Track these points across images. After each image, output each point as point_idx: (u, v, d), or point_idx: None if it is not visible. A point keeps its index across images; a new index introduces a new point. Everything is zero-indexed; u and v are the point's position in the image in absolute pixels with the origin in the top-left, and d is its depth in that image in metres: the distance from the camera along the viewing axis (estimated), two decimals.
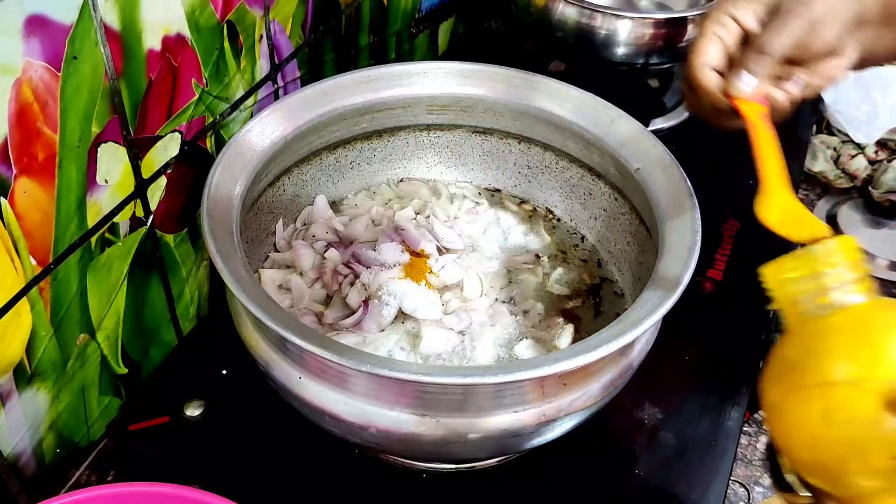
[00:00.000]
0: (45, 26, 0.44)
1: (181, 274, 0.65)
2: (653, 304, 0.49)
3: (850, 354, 0.38)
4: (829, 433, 0.37)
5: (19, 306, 0.49)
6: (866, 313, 0.39)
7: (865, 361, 0.37)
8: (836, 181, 0.92)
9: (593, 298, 0.66)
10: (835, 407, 0.37)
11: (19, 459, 0.54)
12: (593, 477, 0.60)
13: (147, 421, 0.60)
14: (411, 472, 0.58)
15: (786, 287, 0.41)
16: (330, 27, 0.75)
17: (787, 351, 0.41)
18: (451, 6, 1.01)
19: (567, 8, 0.85)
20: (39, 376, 0.53)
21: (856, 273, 0.40)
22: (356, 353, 0.46)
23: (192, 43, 0.57)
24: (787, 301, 0.41)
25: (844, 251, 0.40)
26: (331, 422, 0.51)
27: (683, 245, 0.53)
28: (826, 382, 0.38)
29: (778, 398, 0.41)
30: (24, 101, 0.45)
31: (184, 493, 0.45)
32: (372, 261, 0.64)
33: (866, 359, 0.37)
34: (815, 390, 0.38)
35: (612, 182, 0.67)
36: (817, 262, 0.40)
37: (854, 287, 0.40)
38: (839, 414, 0.37)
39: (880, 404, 0.36)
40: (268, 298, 0.48)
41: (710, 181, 0.63)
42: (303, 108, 0.64)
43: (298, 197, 0.70)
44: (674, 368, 0.66)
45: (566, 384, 0.50)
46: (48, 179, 0.48)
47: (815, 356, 0.39)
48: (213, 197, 0.54)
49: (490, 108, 0.69)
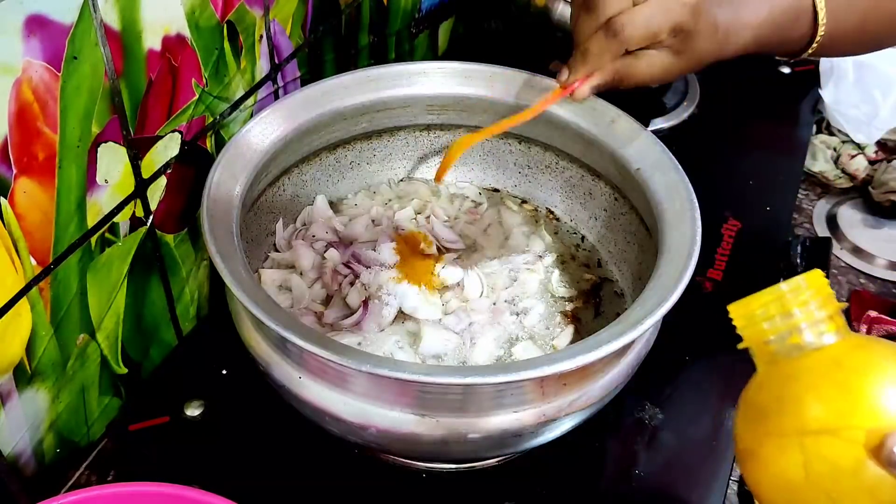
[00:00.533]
0: (45, 26, 0.44)
1: (181, 274, 0.65)
2: (653, 304, 0.49)
3: (827, 401, 0.36)
4: (808, 484, 0.36)
5: (19, 306, 0.49)
6: (840, 355, 0.38)
7: (844, 409, 0.36)
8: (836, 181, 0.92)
9: (593, 298, 0.66)
10: (814, 458, 0.36)
11: (19, 459, 0.54)
12: (593, 477, 0.60)
13: (147, 421, 0.60)
14: (411, 472, 0.58)
15: (755, 326, 0.40)
16: (330, 27, 0.75)
17: (759, 395, 0.40)
18: (451, 6, 1.01)
19: (567, 8, 0.85)
20: (39, 376, 0.53)
21: (827, 310, 0.38)
22: (356, 353, 0.46)
23: (192, 43, 0.57)
24: (757, 341, 0.40)
25: (814, 287, 0.39)
26: (331, 422, 0.51)
27: (683, 245, 0.53)
28: (803, 432, 0.36)
29: (752, 444, 0.39)
30: (24, 100, 0.45)
31: (184, 493, 0.45)
32: (372, 261, 0.64)
33: (844, 405, 0.36)
34: (793, 440, 0.37)
35: (613, 182, 0.67)
36: (787, 299, 0.39)
37: (826, 326, 0.38)
38: (819, 465, 0.36)
39: (862, 454, 0.34)
40: (268, 298, 0.48)
41: (710, 181, 0.63)
42: (303, 108, 0.64)
43: (298, 197, 0.70)
44: (674, 368, 0.65)
45: (566, 384, 0.50)
46: (48, 179, 0.48)
47: (789, 402, 0.38)
48: (213, 197, 0.54)
49: (490, 108, 0.69)
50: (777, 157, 0.91)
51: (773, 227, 0.81)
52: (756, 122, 0.96)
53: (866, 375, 0.37)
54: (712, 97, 0.97)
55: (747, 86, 1.01)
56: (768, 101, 0.99)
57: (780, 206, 0.84)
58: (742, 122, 0.96)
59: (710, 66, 0.60)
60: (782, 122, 0.96)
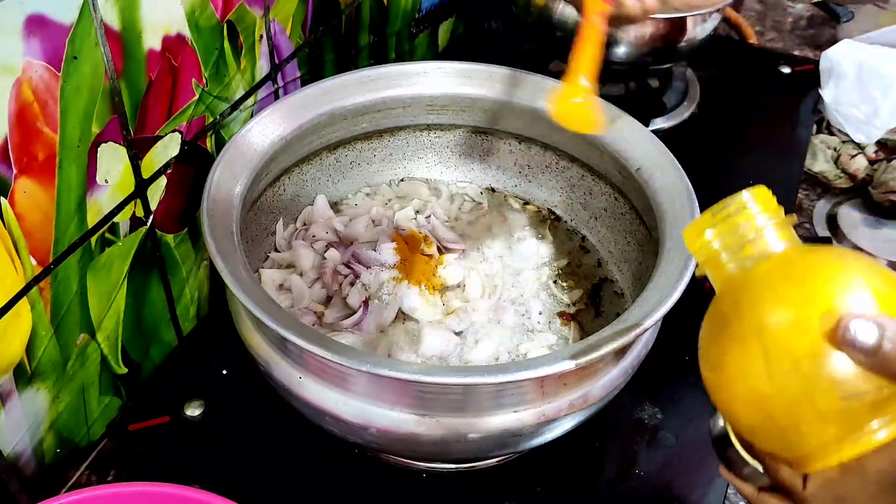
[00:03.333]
0: (45, 26, 0.44)
1: (181, 274, 0.65)
2: (653, 304, 0.49)
3: (782, 297, 0.37)
4: (772, 383, 0.36)
5: (19, 306, 0.49)
6: (792, 257, 0.38)
7: (798, 301, 0.36)
8: (836, 181, 0.92)
9: (593, 298, 0.66)
10: (775, 352, 0.36)
11: (19, 459, 0.54)
12: (594, 477, 0.60)
13: (147, 421, 0.60)
14: (411, 472, 0.58)
15: (707, 247, 0.40)
16: (330, 27, 0.75)
17: (716, 309, 0.40)
18: (451, 6, 1.01)
19: (567, 8, 0.85)
20: (39, 376, 0.53)
21: (774, 220, 0.39)
22: (356, 353, 0.46)
23: (193, 43, 0.57)
24: (712, 262, 0.40)
25: (759, 201, 0.39)
26: (331, 422, 0.51)
27: (683, 245, 0.53)
28: (762, 328, 0.36)
29: (715, 358, 0.39)
30: (25, 100, 0.45)
31: (184, 493, 0.45)
32: (372, 261, 0.64)
33: (799, 298, 0.36)
34: (751, 339, 0.36)
35: (613, 182, 0.67)
36: (733, 215, 0.39)
37: (775, 234, 0.39)
38: (781, 360, 0.35)
39: (820, 340, 0.34)
40: (268, 298, 0.48)
41: (710, 181, 0.63)
42: (303, 108, 0.64)
43: (298, 197, 0.70)
44: (674, 368, 0.65)
45: (566, 384, 0.50)
46: (48, 179, 0.48)
47: (746, 304, 0.38)
48: (213, 197, 0.54)
49: (490, 108, 0.69)
50: (777, 157, 0.91)
51: None
52: (756, 122, 0.96)
53: (819, 269, 0.37)
54: (712, 97, 0.97)
55: (747, 86, 1.01)
56: (768, 101, 0.99)
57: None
58: (742, 122, 0.96)
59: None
60: (782, 122, 0.96)
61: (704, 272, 0.41)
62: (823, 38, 1.16)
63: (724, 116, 0.97)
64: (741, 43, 1.12)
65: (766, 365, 0.36)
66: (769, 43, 1.17)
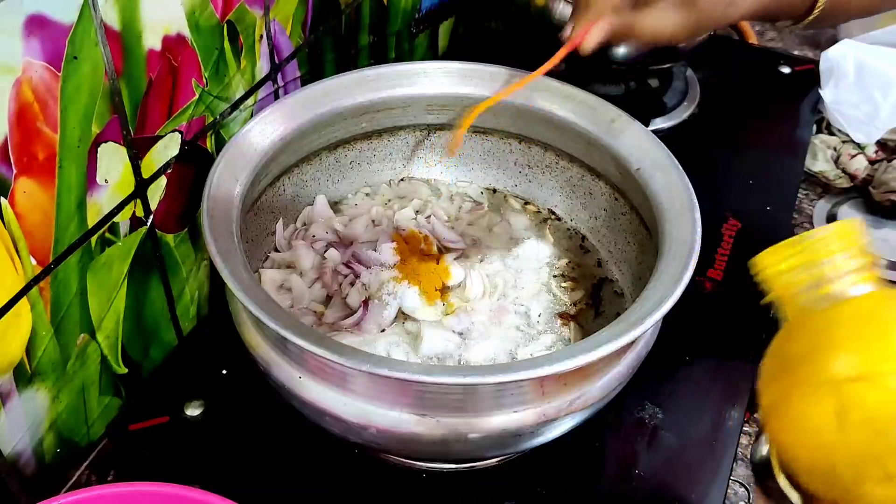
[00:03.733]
0: (45, 26, 0.44)
1: (181, 274, 0.65)
2: (653, 304, 0.49)
3: (862, 348, 0.35)
4: (841, 436, 0.34)
5: (19, 306, 0.49)
6: (874, 304, 0.37)
7: (879, 356, 0.34)
8: (836, 181, 0.92)
9: (593, 298, 0.66)
10: (849, 406, 0.34)
11: (19, 459, 0.54)
12: (594, 477, 0.59)
13: (147, 421, 0.60)
14: (411, 472, 0.58)
15: (782, 278, 0.39)
16: (330, 27, 0.75)
17: (788, 346, 0.38)
18: (451, 6, 1.01)
19: (567, 8, 0.85)
20: (39, 376, 0.53)
21: (858, 262, 0.37)
22: (356, 353, 0.46)
23: (192, 43, 0.57)
24: (785, 292, 0.39)
25: (843, 238, 0.37)
26: (331, 422, 0.51)
27: (683, 245, 0.53)
28: (837, 379, 0.34)
29: (779, 397, 0.38)
30: (24, 100, 0.45)
31: (184, 493, 0.45)
32: (372, 261, 0.64)
33: (880, 353, 0.34)
34: (825, 388, 0.35)
35: (613, 182, 0.67)
36: (814, 251, 0.38)
37: (856, 277, 0.37)
38: (854, 414, 0.34)
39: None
40: (268, 298, 0.48)
41: (710, 181, 0.63)
42: (303, 108, 0.64)
43: (298, 197, 0.70)
44: (674, 368, 0.65)
45: (566, 384, 0.50)
46: (48, 179, 0.48)
47: (820, 350, 0.36)
48: (213, 197, 0.54)
49: (490, 108, 0.69)
50: (777, 157, 0.91)
51: (773, 227, 0.81)
52: (756, 122, 0.96)
53: None
54: (712, 97, 0.97)
55: (747, 86, 1.01)
56: (768, 101, 0.99)
57: (780, 206, 0.84)
58: (742, 122, 0.96)
59: (715, 29, 0.58)
60: (782, 122, 0.96)
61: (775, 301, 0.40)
62: (823, 38, 1.17)
63: (724, 116, 0.97)
64: (741, 43, 1.12)
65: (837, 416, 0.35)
66: (769, 43, 1.17)
